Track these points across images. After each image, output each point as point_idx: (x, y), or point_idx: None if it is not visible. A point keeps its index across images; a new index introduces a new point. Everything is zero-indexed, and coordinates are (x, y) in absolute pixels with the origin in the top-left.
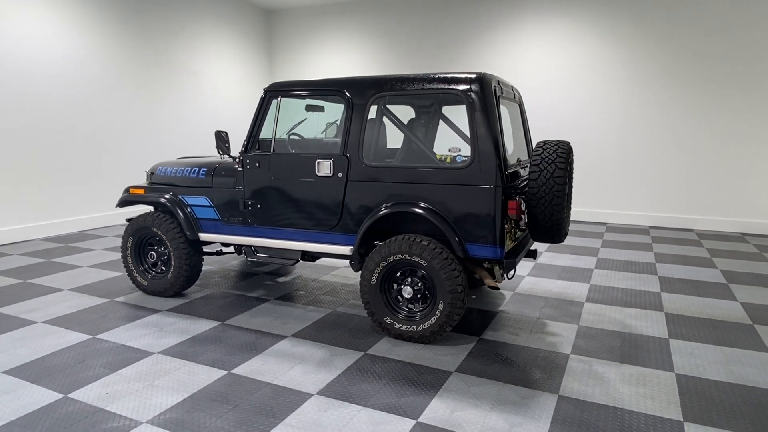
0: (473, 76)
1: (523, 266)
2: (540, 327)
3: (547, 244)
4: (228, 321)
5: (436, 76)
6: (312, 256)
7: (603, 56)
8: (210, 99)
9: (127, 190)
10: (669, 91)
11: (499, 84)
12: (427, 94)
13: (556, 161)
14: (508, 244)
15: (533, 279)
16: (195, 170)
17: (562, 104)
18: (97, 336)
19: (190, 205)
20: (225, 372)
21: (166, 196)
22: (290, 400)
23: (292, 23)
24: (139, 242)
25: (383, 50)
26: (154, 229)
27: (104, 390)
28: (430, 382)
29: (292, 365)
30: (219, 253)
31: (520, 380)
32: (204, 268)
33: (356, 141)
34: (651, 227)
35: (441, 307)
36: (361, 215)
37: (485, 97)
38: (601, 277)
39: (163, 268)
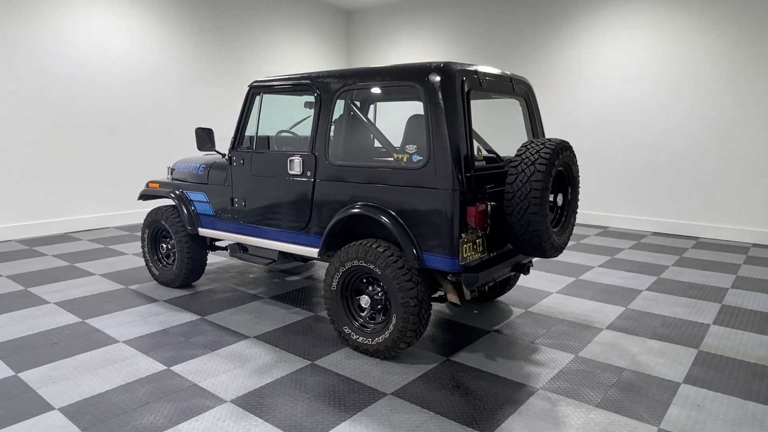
0: (431, 66)
1: (558, 281)
2: (527, 353)
3: (604, 258)
4: (207, 316)
5: (397, 68)
6: (302, 258)
7: (697, 49)
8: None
9: (147, 184)
10: None
11: (476, 75)
12: (388, 88)
13: (536, 163)
14: (473, 256)
15: (560, 297)
16: (196, 167)
17: (648, 102)
18: (86, 320)
19: (192, 201)
20: (164, 368)
21: (175, 192)
22: (200, 404)
23: (371, 22)
24: (153, 234)
25: (459, 45)
26: (163, 222)
27: (50, 372)
28: (355, 402)
29: (231, 368)
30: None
31: (457, 414)
32: (227, 262)
33: (323, 138)
34: (754, 245)
35: (394, 320)
36: (328, 216)
37: (444, 90)
38: (645, 301)
39: (174, 259)
